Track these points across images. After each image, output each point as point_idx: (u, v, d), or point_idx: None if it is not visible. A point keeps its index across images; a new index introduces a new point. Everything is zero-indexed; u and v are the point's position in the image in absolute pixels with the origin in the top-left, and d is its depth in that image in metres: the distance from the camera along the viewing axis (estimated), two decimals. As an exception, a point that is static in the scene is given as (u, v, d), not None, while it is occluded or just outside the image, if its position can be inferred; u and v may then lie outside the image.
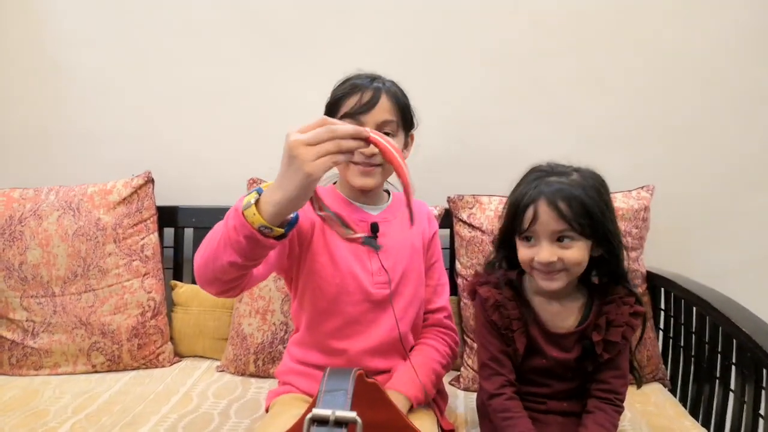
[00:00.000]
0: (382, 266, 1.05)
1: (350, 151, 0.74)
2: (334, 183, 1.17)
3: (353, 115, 1.03)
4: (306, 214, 0.96)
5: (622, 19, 1.61)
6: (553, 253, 0.93)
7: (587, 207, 0.92)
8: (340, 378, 0.62)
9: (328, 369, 0.64)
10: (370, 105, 1.02)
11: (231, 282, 0.86)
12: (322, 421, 0.55)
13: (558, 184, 0.94)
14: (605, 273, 1.02)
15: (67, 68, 1.73)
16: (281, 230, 0.78)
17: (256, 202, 0.76)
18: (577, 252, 0.94)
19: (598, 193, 0.95)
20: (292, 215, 0.80)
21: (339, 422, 0.55)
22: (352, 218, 1.09)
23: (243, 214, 0.76)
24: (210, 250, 0.83)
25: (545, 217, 0.93)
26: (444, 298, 1.20)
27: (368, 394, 0.72)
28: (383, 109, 1.04)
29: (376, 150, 0.95)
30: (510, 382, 1.01)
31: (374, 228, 1.07)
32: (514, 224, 0.98)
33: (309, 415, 0.55)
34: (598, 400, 1.00)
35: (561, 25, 1.62)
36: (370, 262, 1.07)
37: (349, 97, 1.04)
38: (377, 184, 1.08)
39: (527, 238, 0.97)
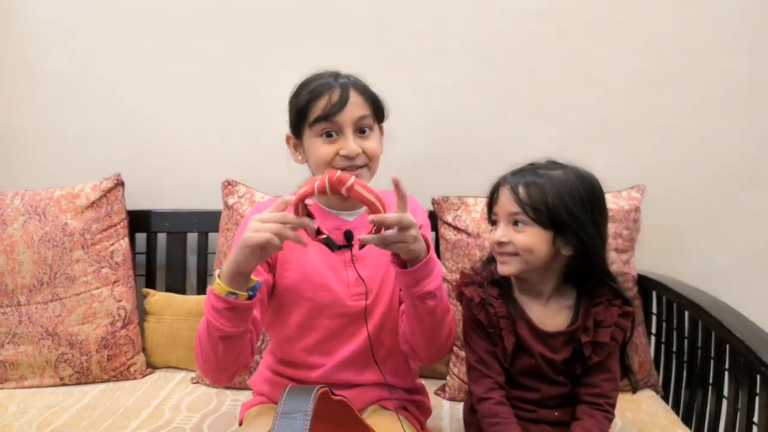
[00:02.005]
0: (359, 276, 1.00)
1: (288, 237, 0.84)
2: None
3: (327, 117, 0.97)
4: None
5: (611, 13, 1.57)
6: (504, 234, 0.96)
7: (547, 197, 0.92)
8: (300, 398, 0.56)
9: (288, 388, 0.59)
10: (342, 103, 0.97)
11: (236, 359, 0.93)
12: (275, 450, 0.49)
13: (531, 175, 0.95)
14: (586, 273, 0.99)
15: (34, 67, 1.67)
16: (245, 294, 0.87)
17: (219, 277, 0.88)
18: (528, 238, 0.94)
19: (573, 191, 0.93)
20: (255, 282, 0.89)
21: (294, 451, 0.49)
22: (326, 226, 1.04)
23: (212, 289, 0.87)
24: (204, 346, 0.91)
25: (504, 199, 0.96)
26: None
27: (335, 412, 0.66)
28: (356, 105, 0.99)
29: (359, 150, 0.97)
30: (499, 385, 0.99)
31: (348, 236, 1.01)
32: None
33: (261, 443, 0.50)
34: (587, 406, 0.97)
35: (548, 18, 1.58)
36: (346, 272, 1.02)
37: (318, 100, 0.98)
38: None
39: (494, 223, 1.00)
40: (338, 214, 1.06)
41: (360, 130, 1.00)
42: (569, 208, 0.92)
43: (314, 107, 0.98)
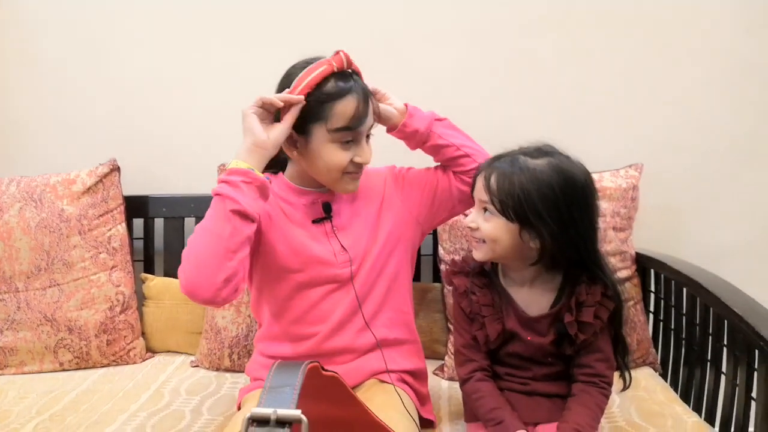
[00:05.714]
0: (342, 246, 1.04)
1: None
2: (282, 171, 1.11)
3: (352, 128, 0.97)
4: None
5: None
6: (473, 220, 0.98)
7: (515, 190, 0.92)
8: (288, 373, 0.56)
9: (276, 363, 0.58)
10: (367, 113, 0.98)
11: (236, 250, 0.89)
12: (262, 421, 0.49)
13: (508, 164, 0.95)
14: (568, 264, 0.99)
15: (29, 53, 1.66)
16: (262, 175, 0.92)
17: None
18: (493, 228, 0.95)
19: (544, 186, 0.91)
20: (264, 177, 0.94)
21: (281, 422, 0.49)
22: (302, 201, 1.06)
23: (228, 168, 0.92)
24: (205, 231, 0.89)
25: (478, 185, 0.98)
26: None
27: (327, 388, 0.66)
28: (370, 114, 1.00)
29: (368, 160, 1.01)
30: (482, 368, 1.03)
31: (327, 208, 1.06)
32: None
33: (247, 414, 0.50)
34: (582, 384, 0.99)
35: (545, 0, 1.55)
36: (329, 242, 1.05)
37: (342, 105, 0.95)
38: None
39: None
40: (313, 190, 1.07)
41: (366, 136, 1.03)
42: (535, 203, 0.90)
43: (337, 112, 0.95)
